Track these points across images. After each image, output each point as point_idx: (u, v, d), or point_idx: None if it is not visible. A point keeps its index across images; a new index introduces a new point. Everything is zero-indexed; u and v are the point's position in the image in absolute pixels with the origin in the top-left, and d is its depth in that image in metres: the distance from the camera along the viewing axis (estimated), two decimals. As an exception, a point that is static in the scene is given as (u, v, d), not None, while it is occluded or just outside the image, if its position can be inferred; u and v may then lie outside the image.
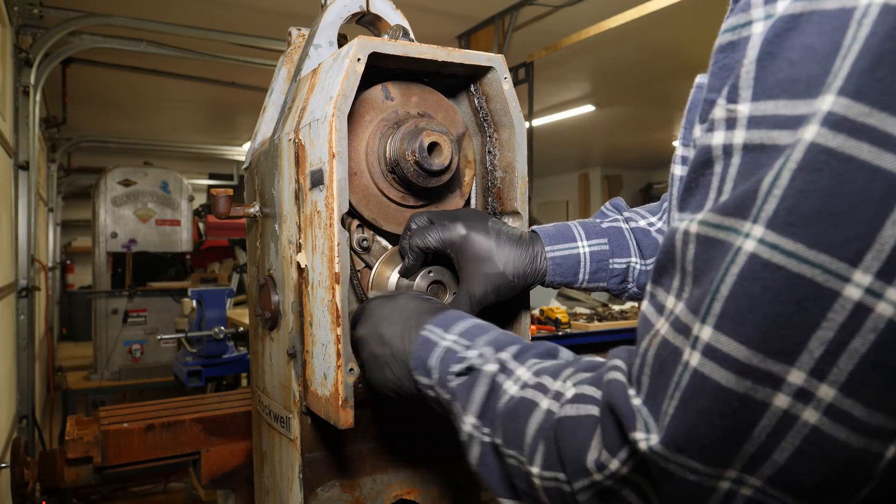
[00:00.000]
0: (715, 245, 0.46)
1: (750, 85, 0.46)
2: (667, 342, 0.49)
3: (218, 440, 1.73)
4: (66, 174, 8.88)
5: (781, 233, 0.42)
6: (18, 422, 3.61)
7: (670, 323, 0.50)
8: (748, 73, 0.46)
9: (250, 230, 1.33)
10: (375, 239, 1.09)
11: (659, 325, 0.51)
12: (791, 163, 0.42)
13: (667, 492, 0.49)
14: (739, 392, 0.43)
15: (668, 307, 0.51)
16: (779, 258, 0.42)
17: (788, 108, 0.43)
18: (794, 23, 0.44)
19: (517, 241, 0.99)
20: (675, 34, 5.44)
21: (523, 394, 0.65)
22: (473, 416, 0.70)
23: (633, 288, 1.05)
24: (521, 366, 0.69)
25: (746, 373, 0.43)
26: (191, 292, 3.55)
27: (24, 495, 1.63)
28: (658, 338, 0.51)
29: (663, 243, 0.53)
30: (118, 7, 4.51)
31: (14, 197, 3.56)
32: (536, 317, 3.66)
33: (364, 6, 1.22)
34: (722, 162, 0.48)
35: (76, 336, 8.59)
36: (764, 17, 0.47)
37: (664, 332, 0.50)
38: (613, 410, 0.52)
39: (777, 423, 0.43)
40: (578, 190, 13.19)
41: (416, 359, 0.80)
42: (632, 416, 0.50)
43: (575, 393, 0.60)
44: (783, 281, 0.42)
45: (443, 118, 1.09)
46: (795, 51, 0.43)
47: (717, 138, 0.48)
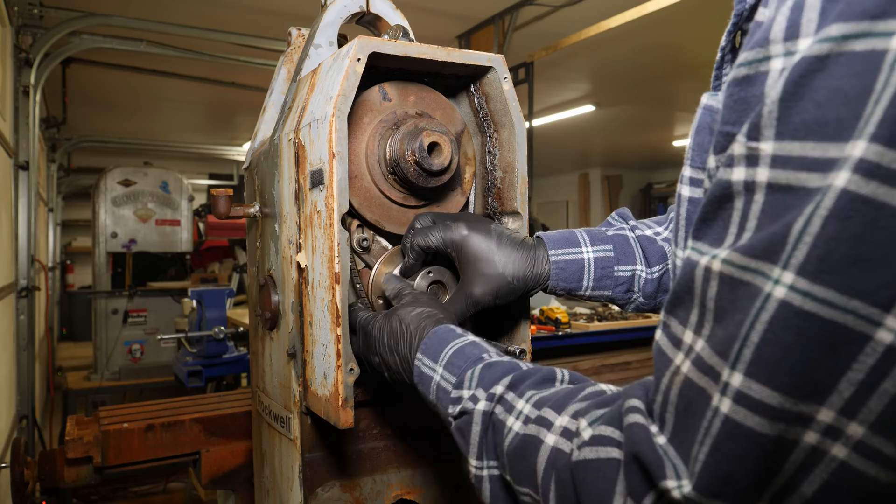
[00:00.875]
0: (740, 287, 0.46)
1: (773, 125, 0.45)
2: (691, 382, 0.49)
3: (218, 440, 1.73)
4: (66, 174, 8.88)
5: (813, 280, 0.42)
6: (18, 422, 3.61)
7: (692, 361, 0.50)
8: (770, 113, 0.46)
9: (250, 230, 1.33)
10: (375, 239, 1.09)
11: (679, 362, 0.51)
12: (822, 209, 0.42)
13: None
14: (772, 436, 0.44)
15: (686, 342, 0.51)
16: (811, 305, 0.42)
17: (817, 151, 0.43)
18: (820, 64, 0.43)
19: (518, 244, 0.99)
20: (675, 34, 5.44)
21: (527, 430, 0.65)
22: (474, 458, 0.71)
23: (640, 298, 1.03)
24: (519, 398, 0.69)
25: (779, 417, 0.43)
26: (191, 292, 3.55)
27: (24, 495, 1.63)
28: (680, 376, 0.51)
29: (680, 273, 0.53)
30: (118, 7, 4.51)
31: (14, 197, 3.56)
32: (536, 317, 3.66)
33: (364, 6, 1.22)
34: (743, 198, 0.48)
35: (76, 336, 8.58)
36: (783, 53, 0.46)
37: (686, 370, 0.50)
38: (638, 458, 0.52)
39: (806, 458, 0.44)
40: (578, 190, 13.19)
41: (420, 391, 0.83)
42: (660, 464, 0.50)
43: (592, 434, 0.58)
44: (816, 328, 0.42)
45: (441, 116, 1.09)
46: (822, 92, 0.43)
47: (737, 174, 0.48)
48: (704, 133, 0.66)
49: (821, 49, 0.43)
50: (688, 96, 7.70)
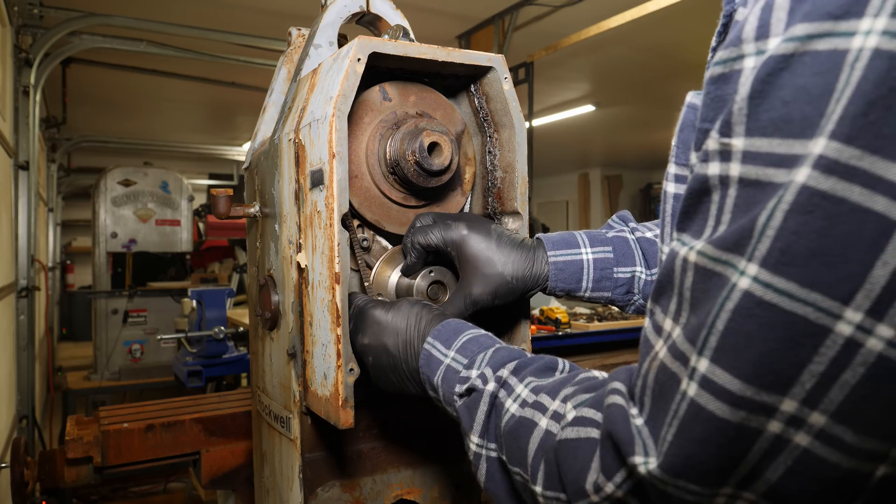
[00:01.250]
0: (711, 277, 0.48)
1: (743, 121, 0.47)
2: (665, 367, 0.51)
3: (218, 440, 1.73)
4: (66, 174, 8.88)
5: (775, 272, 0.43)
6: (18, 422, 3.61)
7: (668, 347, 0.52)
8: (740, 110, 0.47)
9: (250, 230, 1.33)
10: (375, 239, 1.09)
11: (658, 348, 0.53)
12: (784, 204, 0.43)
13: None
14: (734, 422, 0.45)
15: (665, 329, 0.53)
16: (772, 296, 0.43)
17: (783, 147, 0.45)
18: (786, 63, 0.44)
19: (518, 245, 1.00)
20: (675, 34, 5.44)
21: (523, 413, 0.68)
22: (476, 436, 0.73)
23: (640, 300, 1.04)
24: (519, 383, 0.72)
25: (741, 404, 0.45)
26: (191, 292, 3.55)
27: (24, 495, 1.63)
28: (657, 361, 0.53)
29: (664, 264, 0.55)
30: (118, 7, 4.51)
31: (14, 197, 3.56)
32: (536, 317, 3.66)
33: (364, 6, 1.22)
34: (719, 192, 0.49)
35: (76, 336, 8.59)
36: (755, 52, 0.47)
37: (662, 355, 0.52)
38: (612, 435, 0.54)
39: (770, 446, 0.45)
40: (578, 190, 13.19)
41: (423, 374, 0.84)
42: (630, 441, 0.52)
43: (575, 415, 0.61)
44: (776, 318, 0.43)
45: (441, 116, 1.09)
46: (788, 91, 0.44)
47: (712, 169, 0.50)
48: (688, 130, 0.68)
49: (787, 48, 0.44)
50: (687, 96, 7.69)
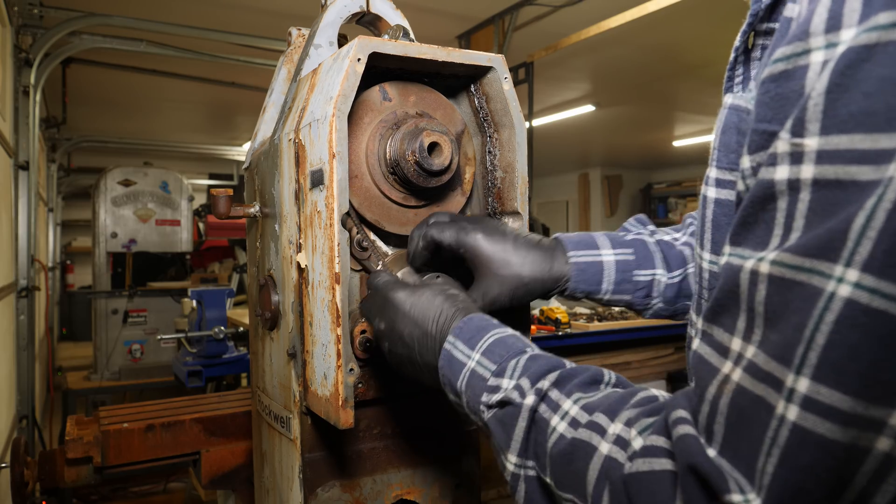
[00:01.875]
0: (794, 288, 0.44)
1: (818, 118, 0.44)
2: (745, 390, 0.47)
3: (218, 440, 1.73)
4: (66, 174, 8.88)
5: (881, 276, 0.41)
6: (18, 422, 3.61)
7: (744, 369, 0.48)
8: (816, 106, 0.44)
9: (250, 230, 1.33)
10: (374, 244, 1.09)
11: (728, 371, 0.49)
12: (885, 202, 0.40)
13: None
14: (844, 443, 0.42)
15: (734, 349, 0.49)
16: (879, 303, 0.40)
17: (867, 143, 0.42)
18: (867, 53, 0.42)
19: (535, 245, 0.96)
20: (675, 34, 5.44)
21: (576, 434, 0.62)
22: (514, 455, 0.67)
23: (659, 303, 1.00)
24: (566, 398, 0.66)
25: (851, 423, 0.42)
26: (191, 292, 3.55)
27: (24, 495, 1.63)
28: (730, 384, 0.48)
29: (722, 281, 0.51)
30: (118, 7, 4.51)
31: (14, 197, 3.56)
32: (536, 317, 3.66)
33: (364, 6, 1.22)
34: (787, 198, 0.46)
35: (76, 336, 8.59)
36: (825, 45, 0.45)
37: (738, 378, 0.48)
38: (696, 469, 0.49)
39: (879, 466, 0.42)
40: (578, 190, 13.18)
41: (443, 376, 0.79)
42: (720, 477, 0.48)
43: (643, 444, 0.56)
44: (885, 326, 0.40)
45: (441, 116, 1.09)
46: (871, 82, 0.42)
47: (780, 173, 0.47)
48: (731, 133, 0.65)
49: (868, 38, 0.42)
50: (688, 96, 7.70)
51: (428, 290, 0.86)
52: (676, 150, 11.07)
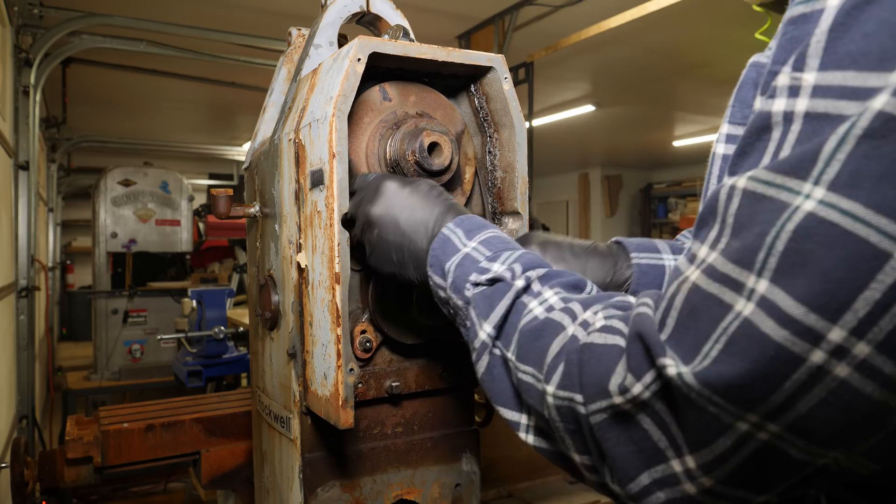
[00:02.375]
0: (762, 201, 0.47)
1: (819, 54, 0.46)
2: (698, 288, 0.50)
3: (218, 440, 1.73)
4: (66, 174, 8.87)
5: (842, 193, 0.43)
6: (18, 422, 3.61)
7: (702, 271, 0.50)
8: (818, 43, 0.47)
9: (250, 230, 1.33)
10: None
11: (688, 273, 0.52)
12: (857, 129, 0.43)
13: (686, 418, 0.50)
14: (781, 343, 0.44)
15: (699, 256, 0.52)
16: (836, 217, 0.43)
17: (858, 80, 0.44)
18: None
19: (594, 251, 0.97)
20: (675, 34, 5.44)
21: (550, 315, 0.66)
22: (491, 327, 0.70)
23: None
24: (549, 289, 0.69)
25: (791, 326, 0.44)
26: (191, 292, 3.55)
27: (24, 495, 1.63)
28: (687, 283, 0.51)
29: (706, 199, 0.54)
30: (118, 7, 4.51)
31: (14, 197, 3.56)
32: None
33: (364, 6, 1.22)
34: (781, 128, 0.48)
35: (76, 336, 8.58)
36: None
37: (695, 278, 0.51)
38: (641, 338, 0.53)
39: (808, 378, 0.44)
40: (578, 190, 13.18)
41: (433, 257, 0.80)
42: (660, 346, 0.51)
43: (604, 324, 0.60)
44: (837, 238, 0.43)
45: (441, 116, 1.09)
46: (871, 24, 0.44)
47: (777, 105, 0.49)
48: (748, 88, 0.67)
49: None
50: (688, 96, 7.70)
51: (424, 183, 0.88)
52: (676, 150, 11.07)
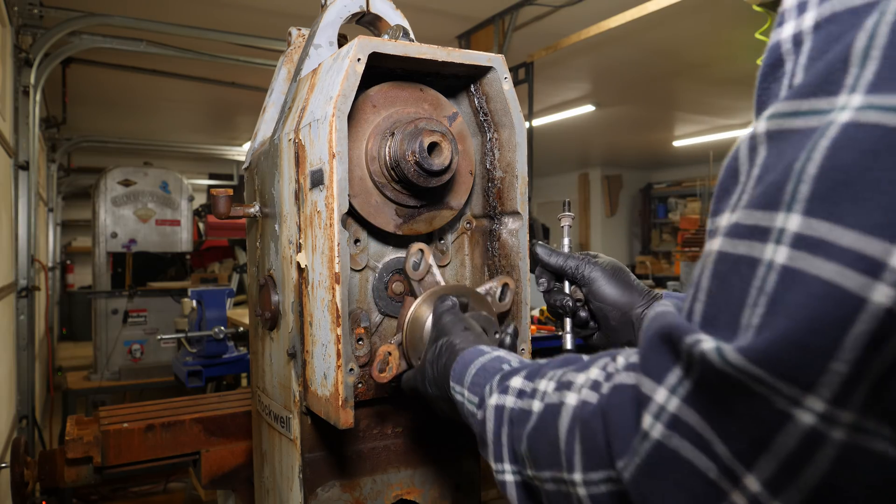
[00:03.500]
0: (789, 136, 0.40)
1: None
2: (725, 255, 0.42)
3: (218, 440, 1.73)
4: (66, 174, 8.87)
5: (876, 91, 0.36)
6: (18, 422, 3.61)
7: (724, 234, 0.42)
8: None
9: (250, 230, 1.33)
10: (371, 241, 1.09)
11: (711, 245, 0.44)
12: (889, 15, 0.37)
13: (731, 420, 0.39)
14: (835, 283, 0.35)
15: (721, 225, 0.44)
16: (873, 116, 0.36)
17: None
18: None
19: None
20: (675, 34, 5.44)
21: (547, 401, 0.58)
22: (493, 461, 0.66)
23: None
24: (542, 380, 0.62)
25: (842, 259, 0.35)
26: (191, 292, 3.55)
27: (24, 495, 1.63)
28: (712, 256, 0.43)
29: (725, 165, 0.46)
30: (118, 7, 4.51)
31: (14, 197, 3.56)
32: (536, 317, 3.65)
33: (364, 6, 1.22)
34: (792, 55, 0.42)
35: (76, 336, 8.58)
36: None
37: (718, 246, 0.43)
38: (664, 334, 0.43)
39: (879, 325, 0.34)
40: (578, 190, 13.18)
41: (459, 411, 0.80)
42: (688, 328, 0.42)
43: (624, 366, 0.51)
44: (881, 139, 0.35)
45: (440, 115, 1.09)
46: None
47: (786, 30, 0.43)
48: None
49: None
50: (688, 96, 7.69)
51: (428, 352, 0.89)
52: (676, 150, 11.07)
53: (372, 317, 1.10)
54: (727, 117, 8.66)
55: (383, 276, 1.11)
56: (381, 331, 1.11)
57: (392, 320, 1.12)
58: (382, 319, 1.11)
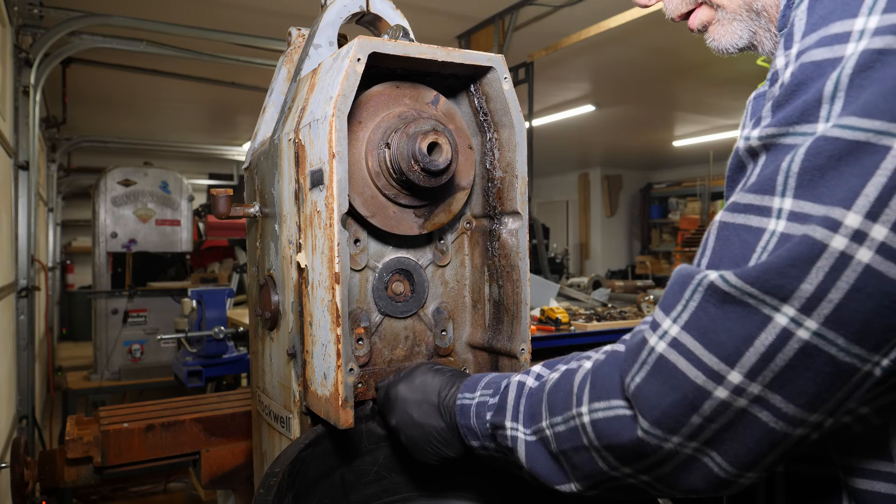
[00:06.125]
0: (781, 147, 0.58)
1: None
2: (726, 224, 0.59)
3: (218, 440, 1.73)
4: (66, 174, 8.87)
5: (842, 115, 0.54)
6: (18, 422, 3.61)
7: (726, 210, 0.60)
8: None
9: (250, 230, 1.33)
10: (370, 240, 1.09)
11: (717, 216, 0.61)
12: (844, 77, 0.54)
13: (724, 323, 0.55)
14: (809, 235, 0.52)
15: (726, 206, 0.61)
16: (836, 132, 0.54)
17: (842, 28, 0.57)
18: None
19: None
20: (675, 34, 5.44)
21: (567, 367, 0.74)
22: (511, 420, 0.77)
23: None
24: (559, 363, 0.78)
25: (816, 221, 0.52)
26: (191, 292, 3.55)
27: (24, 495, 1.63)
28: (716, 224, 0.61)
29: (731, 165, 0.65)
30: (118, 7, 4.51)
31: (14, 197, 3.56)
32: (537, 317, 3.65)
33: (364, 6, 1.22)
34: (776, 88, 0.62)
35: (76, 336, 8.58)
36: None
37: (720, 217, 0.60)
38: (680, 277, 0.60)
39: (835, 262, 0.51)
40: (578, 190, 13.18)
41: (461, 427, 0.86)
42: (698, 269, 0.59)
43: (626, 340, 0.67)
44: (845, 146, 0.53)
45: (410, 100, 1.09)
46: None
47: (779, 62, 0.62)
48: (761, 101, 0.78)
49: None
50: (688, 96, 7.69)
51: (417, 373, 0.96)
52: (676, 150, 11.07)
53: (372, 317, 1.10)
54: (727, 117, 8.66)
55: (383, 276, 1.11)
56: (380, 331, 1.11)
57: (392, 320, 1.12)
58: (382, 319, 1.11)
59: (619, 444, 0.63)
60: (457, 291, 1.19)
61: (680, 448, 0.58)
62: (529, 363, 1.08)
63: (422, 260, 1.15)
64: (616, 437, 0.63)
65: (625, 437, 0.62)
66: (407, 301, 1.13)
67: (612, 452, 0.65)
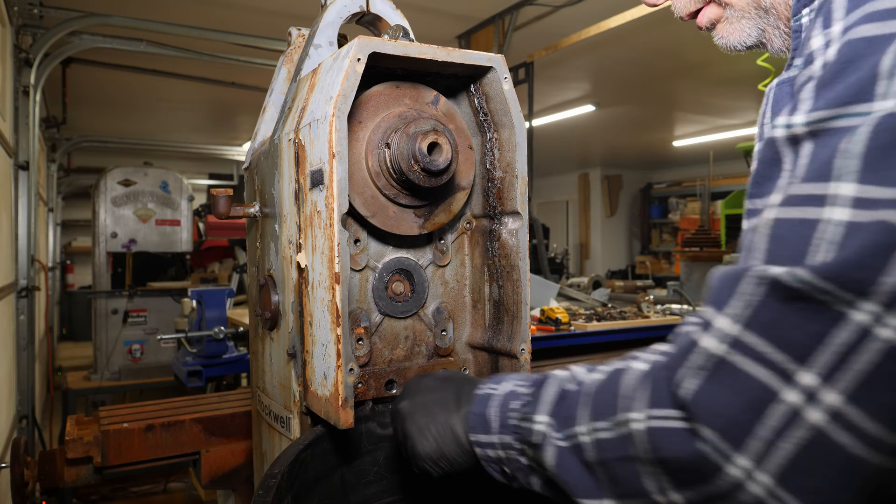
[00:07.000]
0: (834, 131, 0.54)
1: None
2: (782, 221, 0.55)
3: (218, 440, 1.73)
4: (66, 174, 8.87)
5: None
6: (18, 422, 3.61)
7: (781, 204, 0.55)
8: None
9: (250, 230, 1.33)
10: (370, 239, 1.09)
11: (765, 214, 0.57)
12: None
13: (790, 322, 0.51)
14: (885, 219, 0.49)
15: (771, 201, 0.57)
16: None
17: None
18: None
19: None
20: (675, 34, 5.44)
21: (614, 368, 0.68)
22: (545, 415, 0.72)
23: None
24: (602, 365, 0.72)
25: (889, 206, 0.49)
26: (191, 292, 3.55)
27: (24, 495, 1.63)
28: (769, 222, 0.56)
29: (761, 159, 0.61)
30: (118, 7, 4.51)
31: (14, 197, 3.56)
32: (537, 317, 3.65)
33: (364, 6, 1.22)
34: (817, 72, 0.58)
35: (76, 336, 8.58)
36: None
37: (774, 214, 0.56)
38: (727, 277, 0.57)
39: None
40: (578, 190, 13.18)
41: (473, 416, 0.81)
42: (751, 266, 0.55)
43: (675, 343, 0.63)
44: None
45: (410, 100, 1.09)
46: None
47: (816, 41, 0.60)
48: None
49: None
50: (688, 96, 7.69)
51: (443, 370, 0.94)
52: (676, 150, 11.07)
53: (372, 317, 1.10)
54: (727, 117, 8.66)
55: (383, 275, 1.11)
56: (380, 331, 1.11)
57: (392, 320, 1.12)
58: (382, 319, 1.11)
59: (676, 458, 0.56)
60: (457, 291, 1.19)
61: (746, 480, 0.52)
62: (529, 363, 1.08)
63: (422, 260, 1.15)
64: (672, 449, 0.57)
65: (683, 451, 0.56)
66: (407, 301, 1.13)
67: (666, 468, 0.58)
